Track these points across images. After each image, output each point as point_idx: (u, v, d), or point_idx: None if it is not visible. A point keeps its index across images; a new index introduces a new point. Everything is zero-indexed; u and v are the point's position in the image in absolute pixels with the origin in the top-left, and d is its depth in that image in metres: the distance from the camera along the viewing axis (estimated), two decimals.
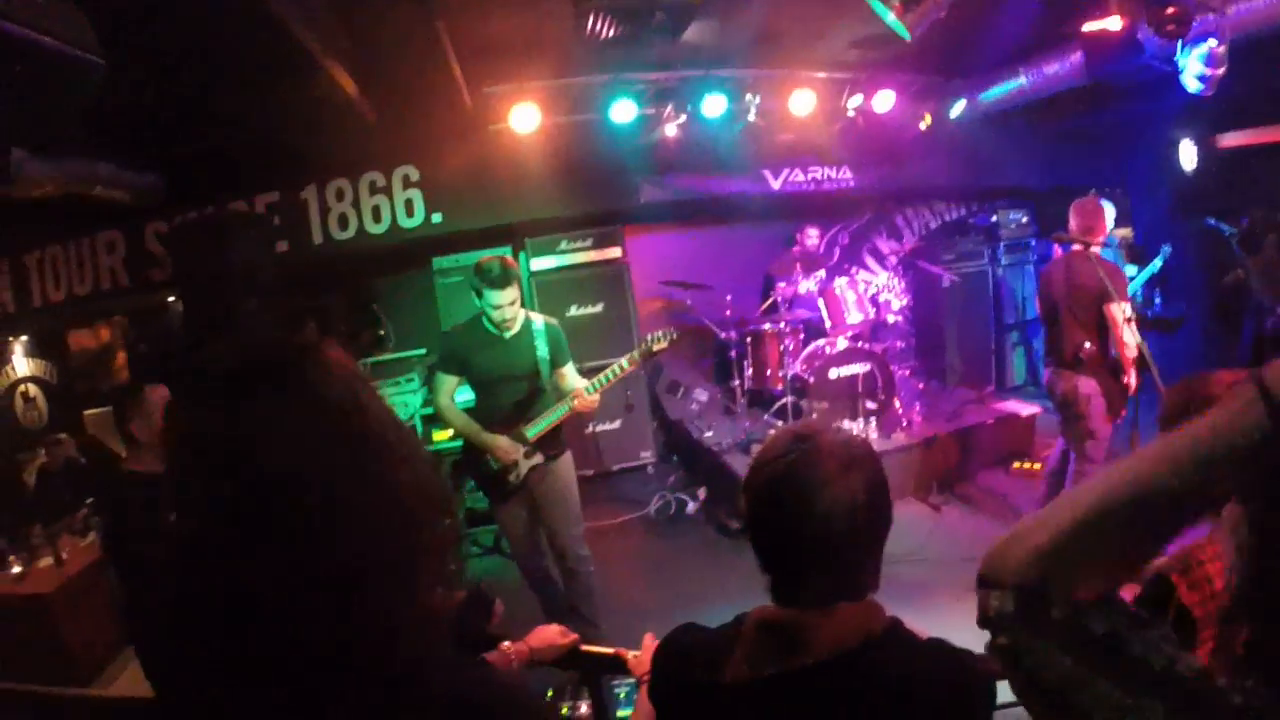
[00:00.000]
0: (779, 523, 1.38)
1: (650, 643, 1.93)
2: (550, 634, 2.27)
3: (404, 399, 6.31)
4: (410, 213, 6.87)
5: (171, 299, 7.18)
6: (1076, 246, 4.81)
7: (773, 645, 1.36)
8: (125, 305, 7.45)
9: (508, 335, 4.19)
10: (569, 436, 4.49)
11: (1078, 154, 8.72)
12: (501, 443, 4.14)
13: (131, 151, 6.11)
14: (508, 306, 4.07)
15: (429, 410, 5.90)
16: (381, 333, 7.32)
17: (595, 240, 7.06)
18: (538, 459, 4.24)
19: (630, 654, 2.14)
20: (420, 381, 6.45)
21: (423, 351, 6.74)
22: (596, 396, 4.21)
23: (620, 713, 2.40)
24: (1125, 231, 8.46)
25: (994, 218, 8.73)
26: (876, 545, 1.42)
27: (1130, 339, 4.51)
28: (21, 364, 8.72)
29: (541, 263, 7.01)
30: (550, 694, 3.43)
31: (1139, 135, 8.46)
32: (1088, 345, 4.71)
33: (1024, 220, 8.80)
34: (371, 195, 6.86)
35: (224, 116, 5.82)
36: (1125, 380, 4.66)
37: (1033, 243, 8.85)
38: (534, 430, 4.19)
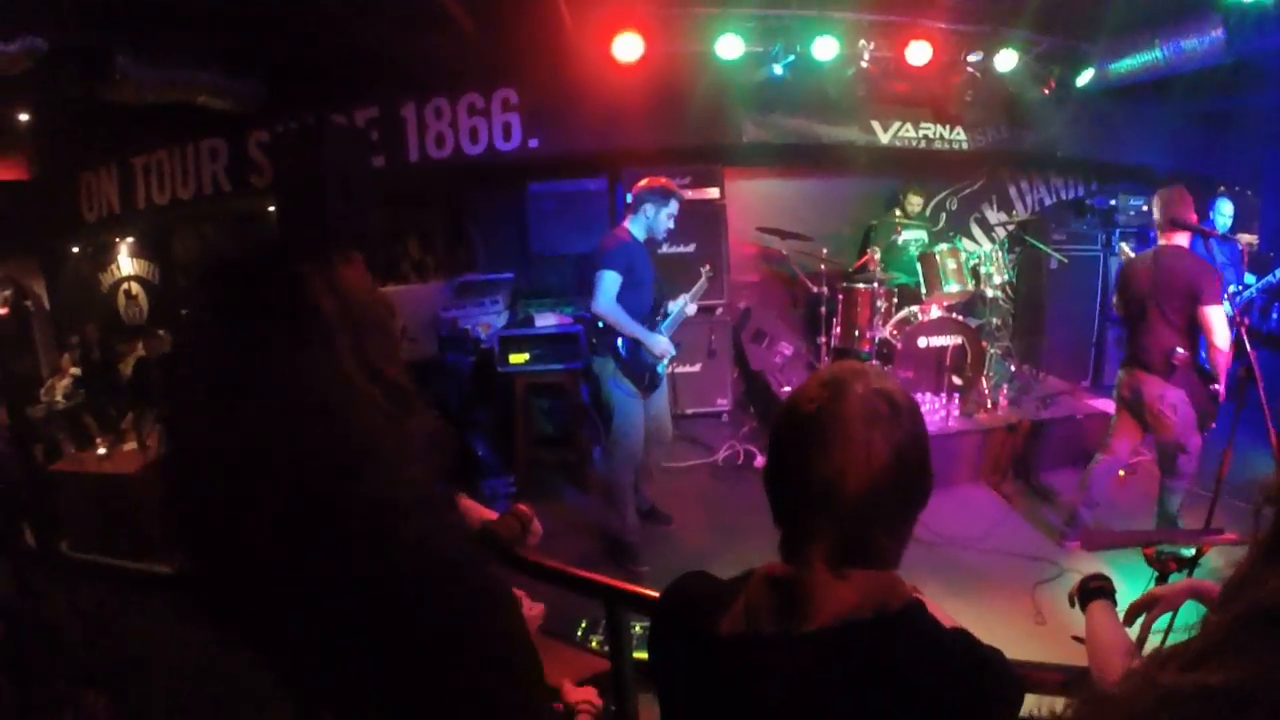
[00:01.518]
0: (792, 473, 1.22)
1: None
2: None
3: (488, 319, 6.30)
4: (508, 136, 6.80)
5: (272, 207, 7.27)
6: (1165, 240, 4.48)
7: (775, 603, 1.20)
8: (227, 209, 7.56)
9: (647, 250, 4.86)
10: None
11: (1208, 142, 8.14)
12: (661, 340, 4.78)
13: (236, 61, 6.21)
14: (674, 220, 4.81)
15: (510, 333, 5.85)
16: (472, 253, 7.30)
17: (694, 178, 6.83)
18: (673, 352, 4.91)
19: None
20: (504, 304, 6.40)
21: (510, 275, 6.68)
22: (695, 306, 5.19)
23: (639, 654, 2.28)
24: (1250, 237, 7.76)
25: (1113, 201, 8.19)
26: (900, 516, 1.22)
27: (1226, 344, 4.17)
28: (126, 263, 9.04)
29: None
30: (584, 626, 3.34)
31: (1277, 130, 7.77)
32: (1180, 350, 4.32)
33: (1144, 208, 8.16)
34: (470, 116, 6.82)
35: (328, 29, 5.85)
36: (1215, 388, 4.29)
37: (1151, 233, 8.22)
38: (666, 329, 4.93)
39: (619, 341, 4.68)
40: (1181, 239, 4.42)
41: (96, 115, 6.51)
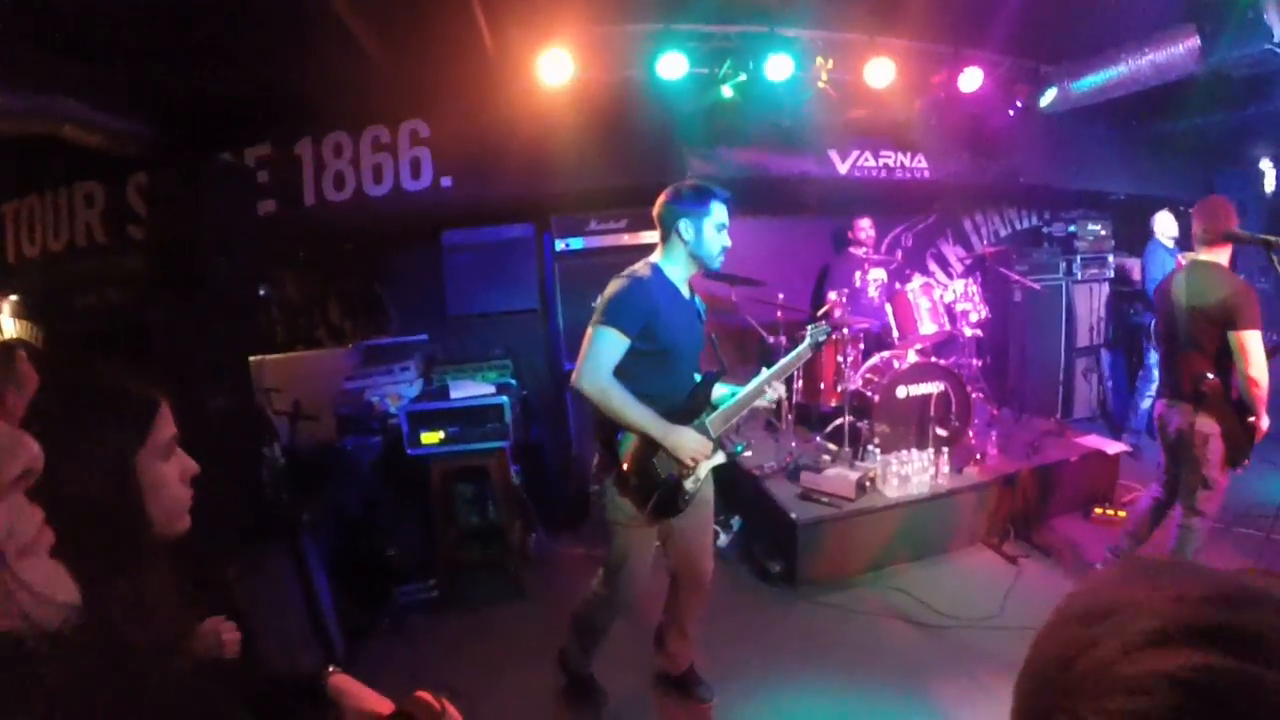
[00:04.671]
0: None
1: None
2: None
3: (398, 389, 5.01)
4: (416, 174, 5.53)
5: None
6: (1202, 256, 3.68)
7: None
8: (101, 266, 6.13)
9: (688, 297, 3.03)
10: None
11: (1164, 164, 7.48)
12: (692, 440, 2.85)
13: (113, 94, 4.92)
14: (728, 236, 2.98)
15: (418, 407, 4.51)
16: (385, 317, 6.00)
17: (630, 222, 5.60)
18: (719, 459, 3.02)
19: None
20: (417, 372, 5.10)
21: (424, 337, 5.39)
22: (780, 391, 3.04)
23: None
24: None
25: (1071, 228, 7.32)
26: None
27: (1261, 374, 3.43)
28: (9, 325, 7.52)
29: (566, 244, 5.58)
30: None
31: (1230, 149, 7.35)
32: (1210, 376, 3.59)
33: (1102, 232, 7.45)
34: (374, 152, 5.54)
35: (216, 58, 4.68)
36: (1254, 422, 3.53)
37: (1109, 258, 7.44)
38: (714, 422, 2.96)
39: (618, 436, 2.91)
40: (1222, 255, 3.66)
41: None
